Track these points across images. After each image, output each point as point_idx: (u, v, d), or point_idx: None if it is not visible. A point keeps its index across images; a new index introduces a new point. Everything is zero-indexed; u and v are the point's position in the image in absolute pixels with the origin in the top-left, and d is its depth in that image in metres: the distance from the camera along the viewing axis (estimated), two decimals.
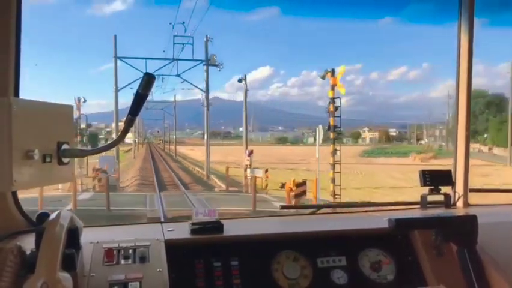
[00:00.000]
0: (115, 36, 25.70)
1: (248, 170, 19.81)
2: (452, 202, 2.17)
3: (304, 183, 15.15)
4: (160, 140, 75.87)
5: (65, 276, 1.02)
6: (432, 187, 2.11)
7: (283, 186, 16.15)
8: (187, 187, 21.01)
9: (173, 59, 25.56)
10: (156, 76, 1.18)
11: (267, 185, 19.28)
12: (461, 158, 2.21)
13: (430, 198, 2.14)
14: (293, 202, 14.37)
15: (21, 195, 1.56)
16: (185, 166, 33.54)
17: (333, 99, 17.15)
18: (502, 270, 1.53)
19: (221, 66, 25.80)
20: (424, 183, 2.10)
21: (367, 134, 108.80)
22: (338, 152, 17.48)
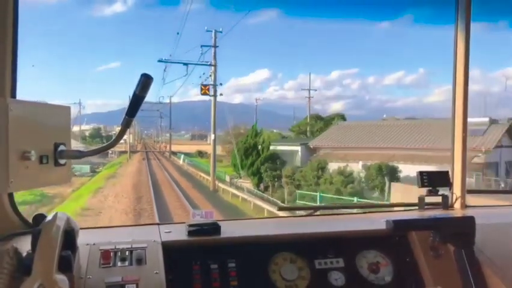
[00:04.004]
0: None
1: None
2: (449, 203, 2.17)
3: (166, 146, 61.90)
4: (153, 141, 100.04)
5: (61, 278, 1.01)
6: (430, 188, 2.11)
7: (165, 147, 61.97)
8: (150, 150, 68.18)
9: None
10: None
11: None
12: (458, 160, 2.21)
13: (428, 199, 2.14)
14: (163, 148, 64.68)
15: None
16: (157, 150, 71.04)
17: None
18: (499, 271, 1.53)
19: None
20: (422, 184, 2.10)
21: None
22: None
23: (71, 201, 19.72)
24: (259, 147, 24.31)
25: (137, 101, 1.23)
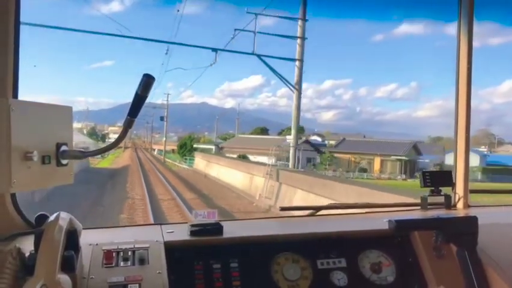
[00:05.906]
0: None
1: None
2: (452, 203, 2.16)
3: (150, 144, 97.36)
4: (142, 141, 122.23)
5: (64, 278, 1.01)
6: (433, 188, 2.11)
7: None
8: (138, 147, 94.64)
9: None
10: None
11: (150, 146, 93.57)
12: (461, 159, 2.21)
13: (430, 199, 2.13)
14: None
15: None
16: (143, 147, 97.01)
17: None
18: (502, 271, 1.52)
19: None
20: (425, 184, 2.09)
21: None
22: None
23: (101, 164, 37.91)
24: (187, 145, 54.59)
25: (139, 101, 1.23)
